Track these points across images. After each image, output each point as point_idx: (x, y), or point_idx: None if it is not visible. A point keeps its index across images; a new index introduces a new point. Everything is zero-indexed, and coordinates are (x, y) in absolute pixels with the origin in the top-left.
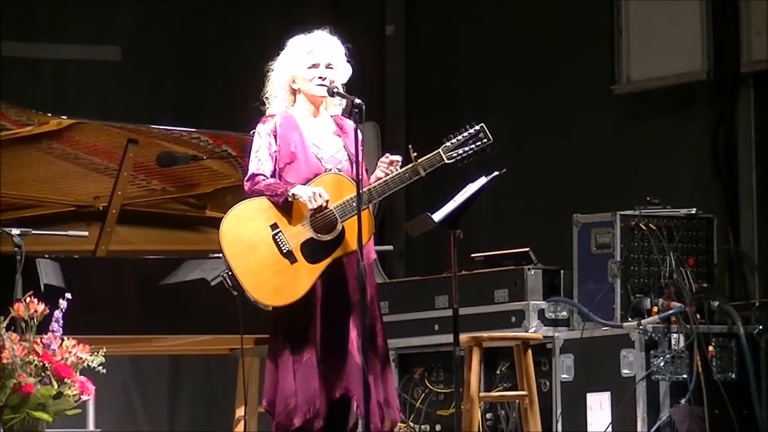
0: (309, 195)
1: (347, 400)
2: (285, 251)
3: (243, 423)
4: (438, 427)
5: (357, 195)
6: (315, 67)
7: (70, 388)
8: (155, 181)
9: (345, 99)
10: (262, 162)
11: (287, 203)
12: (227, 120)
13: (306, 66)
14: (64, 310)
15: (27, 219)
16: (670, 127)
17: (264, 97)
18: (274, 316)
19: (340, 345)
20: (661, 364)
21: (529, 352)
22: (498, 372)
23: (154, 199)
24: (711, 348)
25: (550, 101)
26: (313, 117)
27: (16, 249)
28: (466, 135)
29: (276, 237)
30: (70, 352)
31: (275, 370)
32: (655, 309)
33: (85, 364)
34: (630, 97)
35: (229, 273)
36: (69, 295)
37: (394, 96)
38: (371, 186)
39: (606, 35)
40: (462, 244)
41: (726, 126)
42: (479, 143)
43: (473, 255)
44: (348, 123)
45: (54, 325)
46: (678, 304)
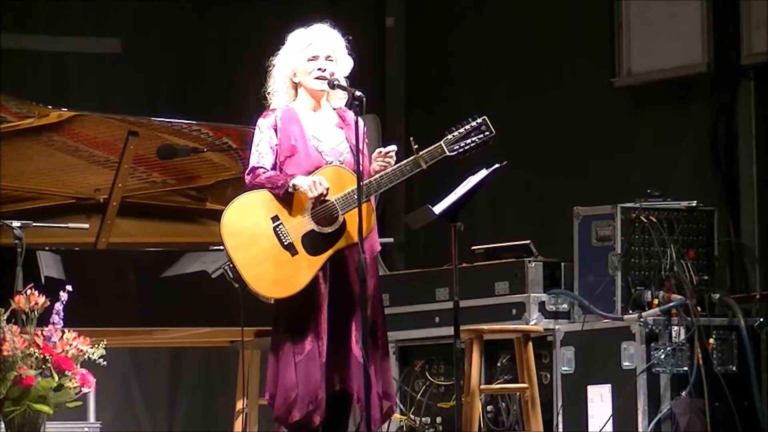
0: (309, 184)
1: (348, 393)
2: (286, 243)
3: (243, 416)
4: (438, 420)
5: (357, 187)
6: (315, 59)
7: (70, 380)
8: (156, 174)
9: (346, 91)
10: (262, 155)
11: (288, 195)
12: (226, 112)
13: (306, 59)
14: (64, 302)
15: (28, 211)
16: (670, 120)
17: (266, 93)
18: (275, 308)
19: (341, 337)
20: (662, 356)
21: (530, 344)
22: (499, 364)
23: (154, 192)
24: (712, 340)
25: (550, 94)
26: (314, 110)
27: (16, 241)
28: (468, 127)
29: (277, 229)
30: (70, 344)
31: (276, 363)
32: (656, 301)
33: (86, 356)
34: (630, 90)
35: (231, 265)
36: (69, 288)
37: (394, 88)
38: (372, 178)
39: (606, 28)
40: (462, 236)
41: (726, 118)
42: (481, 136)
43: (474, 247)
44: (350, 115)
45: (55, 318)
46: (679, 296)
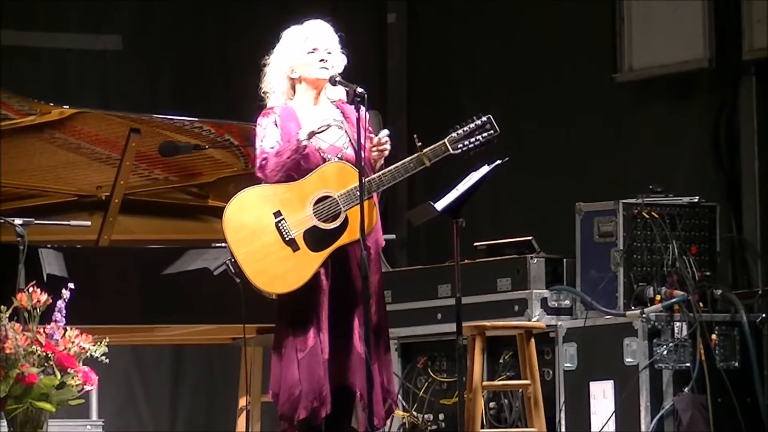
0: (316, 128)
1: (350, 389)
2: (288, 239)
3: (245, 413)
4: (441, 417)
5: (359, 183)
6: (315, 51)
7: (73, 378)
8: (157, 171)
9: (347, 88)
10: (266, 150)
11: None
12: (227, 108)
13: (305, 52)
14: (66, 299)
15: (29, 209)
16: (672, 116)
17: (262, 93)
18: (278, 304)
19: (344, 333)
20: (664, 352)
21: (532, 340)
22: (501, 361)
23: (156, 189)
24: (714, 336)
25: (552, 90)
26: (314, 105)
27: (18, 239)
28: (472, 126)
29: (279, 224)
30: (72, 342)
31: (280, 360)
32: (658, 297)
33: (88, 354)
34: (632, 86)
35: (232, 260)
36: (72, 285)
37: (395, 85)
38: (375, 175)
39: (607, 24)
40: (464, 232)
41: (728, 114)
42: (486, 134)
43: (476, 244)
44: (350, 109)
45: (57, 315)
46: (681, 292)
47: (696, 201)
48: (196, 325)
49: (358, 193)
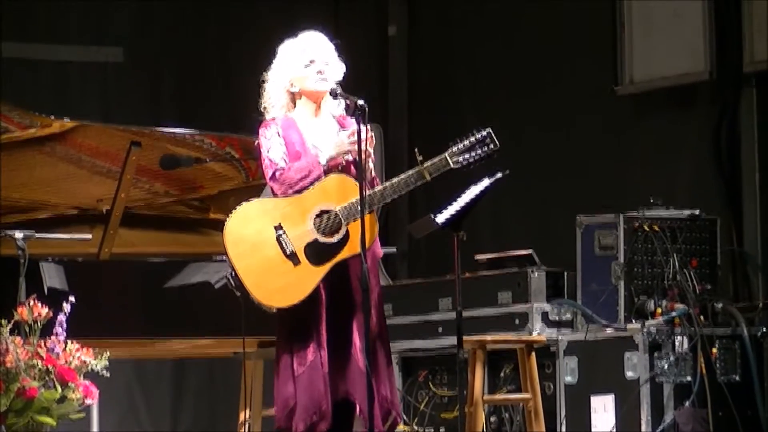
0: (344, 143)
1: (350, 401)
2: (289, 252)
3: (246, 426)
4: (442, 430)
5: (360, 197)
6: (312, 63)
7: (74, 391)
8: (158, 184)
9: (348, 101)
10: (275, 160)
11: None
12: (228, 121)
13: (303, 65)
14: (67, 313)
15: (30, 222)
16: (672, 128)
17: (262, 108)
18: (278, 318)
19: (344, 347)
20: (665, 366)
21: (533, 354)
22: (502, 374)
23: (157, 202)
24: (715, 350)
25: (552, 101)
26: (314, 117)
27: (19, 252)
28: (473, 140)
29: (280, 238)
30: (73, 355)
31: (278, 374)
32: (659, 311)
33: (89, 367)
34: (632, 98)
35: (233, 273)
36: (72, 298)
37: (396, 96)
38: (376, 189)
39: (608, 36)
40: (465, 246)
41: (728, 126)
42: (486, 149)
43: (476, 257)
44: (350, 122)
45: (58, 329)
46: (681, 305)
47: (697, 214)
48: (196, 339)
49: (359, 207)
